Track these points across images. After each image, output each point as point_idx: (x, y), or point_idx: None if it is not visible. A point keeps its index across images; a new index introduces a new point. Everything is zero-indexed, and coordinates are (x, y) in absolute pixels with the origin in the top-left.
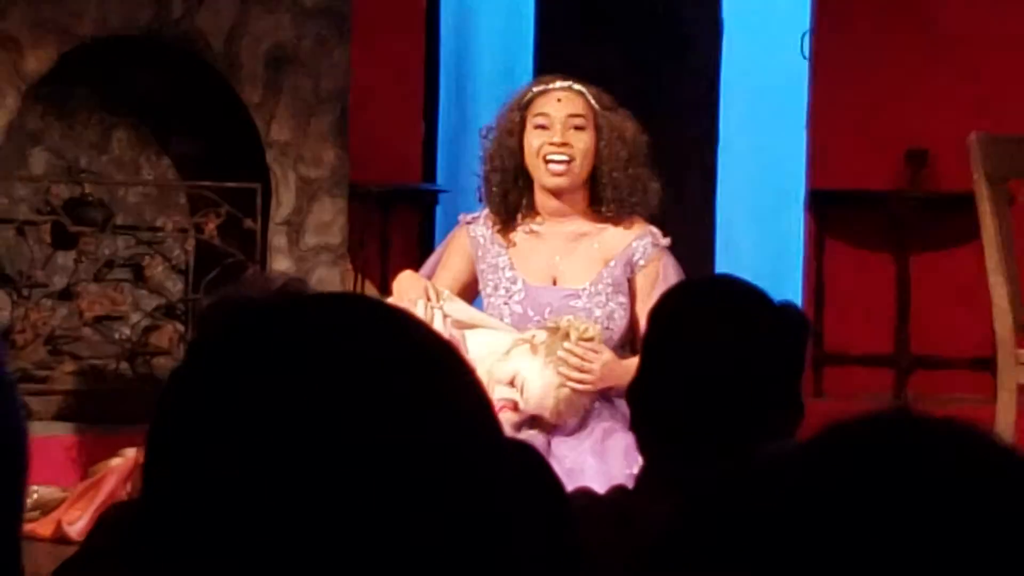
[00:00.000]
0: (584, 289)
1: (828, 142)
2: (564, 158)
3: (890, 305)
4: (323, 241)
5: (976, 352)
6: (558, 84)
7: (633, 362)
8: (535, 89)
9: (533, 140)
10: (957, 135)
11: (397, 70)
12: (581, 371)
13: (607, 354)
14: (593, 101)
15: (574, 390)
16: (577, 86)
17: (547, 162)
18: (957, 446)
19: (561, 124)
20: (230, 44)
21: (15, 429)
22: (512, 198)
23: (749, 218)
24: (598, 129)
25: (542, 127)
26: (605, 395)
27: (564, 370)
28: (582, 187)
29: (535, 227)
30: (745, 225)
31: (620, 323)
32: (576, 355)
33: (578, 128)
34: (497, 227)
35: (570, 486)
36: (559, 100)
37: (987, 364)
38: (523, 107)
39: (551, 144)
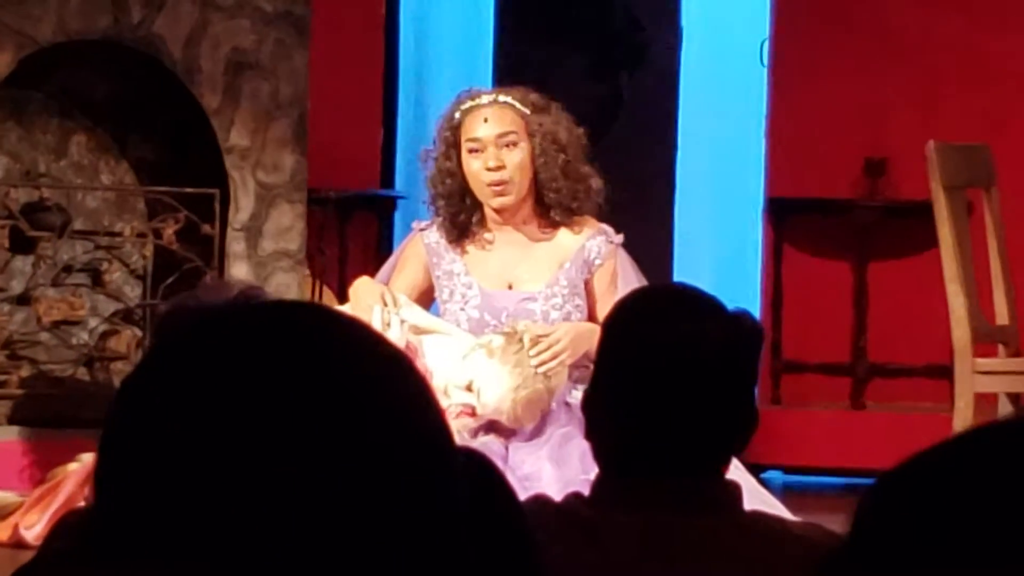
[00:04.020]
0: (540, 292)
1: (786, 150)
2: (501, 178)
3: (848, 313)
4: (281, 247)
5: (933, 360)
6: (484, 100)
7: (592, 325)
8: (462, 108)
9: (471, 164)
10: (916, 144)
11: (356, 76)
12: (555, 356)
13: (562, 325)
14: (521, 106)
15: (540, 388)
16: (503, 97)
17: (487, 184)
18: None
19: (493, 145)
20: (189, 49)
21: None
22: (462, 219)
23: (707, 225)
24: (531, 136)
25: (475, 151)
26: (563, 399)
27: (544, 368)
28: (527, 197)
29: (488, 236)
30: (703, 232)
31: None
32: (542, 351)
33: (510, 145)
34: (450, 239)
35: (527, 492)
36: (486, 120)
37: (944, 372)
38: (454, 128)
39: (488, 169)
